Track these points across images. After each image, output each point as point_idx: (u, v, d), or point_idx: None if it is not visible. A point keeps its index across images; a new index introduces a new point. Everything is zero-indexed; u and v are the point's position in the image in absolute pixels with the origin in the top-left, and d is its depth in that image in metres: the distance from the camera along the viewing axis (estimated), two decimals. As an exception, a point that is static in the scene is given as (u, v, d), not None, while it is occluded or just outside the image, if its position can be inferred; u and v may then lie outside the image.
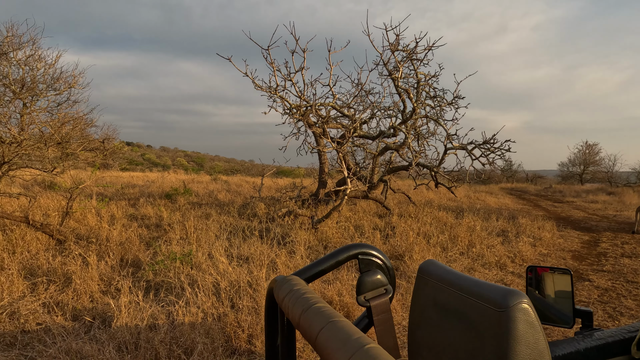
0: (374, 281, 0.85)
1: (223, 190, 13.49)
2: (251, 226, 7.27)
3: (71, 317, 3.40)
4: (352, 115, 8.55)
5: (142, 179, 17.66)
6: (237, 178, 21.56)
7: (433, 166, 8.40)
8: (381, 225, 7.89)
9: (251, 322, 3.27)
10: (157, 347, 2.77)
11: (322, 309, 0.62)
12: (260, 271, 4.09)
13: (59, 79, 7.20)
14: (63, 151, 6.83)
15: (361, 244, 0.88)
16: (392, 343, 0.82)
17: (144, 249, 5.45)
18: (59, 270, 4.30)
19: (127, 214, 8.11)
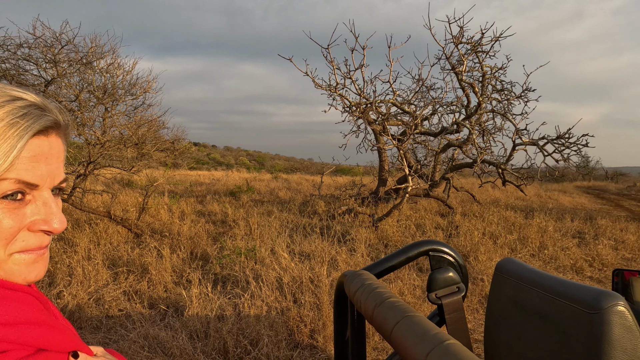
0: (445, 279, 0.83)
1: (284, 188, 13.81)
2: (311, 223, 7.37)
3: (148, 305, 3.67)
4: (412, 112, 8.36)
5: (208, 178, 18.58)
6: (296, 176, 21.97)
7: (500, 163, 7.99)
8: (444, 224, 7.65)
9: (313, 318, 3.32)
10: (225, 337, 2.91)
11: (396, 303, 0.62)
12: (322, 268, 4.14)
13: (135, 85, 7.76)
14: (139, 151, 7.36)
15: (432, 241, 0.86)
16: (465, 342, 0.80)
17: (211, 244, 5.73)
18: (137, 261, 4.65)
19: (196, 210, 8.57)
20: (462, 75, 7.64)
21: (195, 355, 2.72)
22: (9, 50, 5.98)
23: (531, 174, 8.52)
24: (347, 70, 7.84)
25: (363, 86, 7.96)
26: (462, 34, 7.40)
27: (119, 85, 7.36)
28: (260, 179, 18.47)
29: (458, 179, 14.78)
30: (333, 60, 7.64)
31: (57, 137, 0.56)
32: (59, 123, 0.55)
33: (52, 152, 0.54)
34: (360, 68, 7.73)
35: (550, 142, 7.42)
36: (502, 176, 8.25)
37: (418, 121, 7.84)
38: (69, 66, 6.45)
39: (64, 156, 0.58)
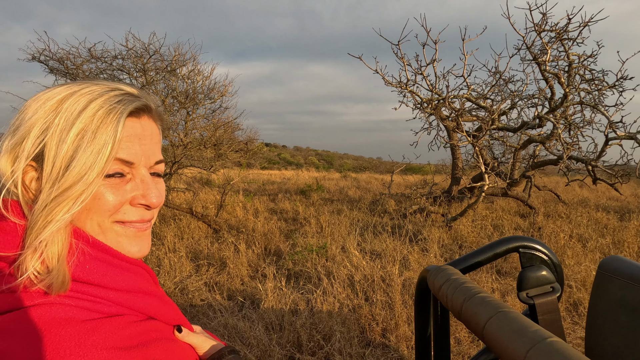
0: (538, 277, 0.78)
1: (353, 187, 13.81)
2: (382, 222, 7.30)
3: (227, 296, 3.87)
4: (489, 107, 7.93)
5: (279, 177, 19.15)
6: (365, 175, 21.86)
7: (590, 160, 7.30)
8: (524, 225, 7.17)
9: (385, 317, 3.29)
10: (299, 331, 2.98)
11: (488, 298, 0.60)
12: (393, 267, 4.08)
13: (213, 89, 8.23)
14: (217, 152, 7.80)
15: (523, 237, 0.82)
16: None
17: (284, 240, 5.91)
18: (216, 255, 4.93)
19: (268, 208, 8.88)
20: (546, 66, 7.09)
21: (271, 347, 2.82)
22: (106, 62, 6.65)
23: (627, 171, 7.67)
24: (418, 65, 7.64)
25: (435, 82, 7.71)
26: (546, 20, 6.86)
27: (199, 90, 7.85)
28: (329, 177, 18.65)
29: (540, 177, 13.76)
30: (403, 56, 7.49)
31: (150, 119, 0.62)
32: (150, 106, 0.61)
33: (145, 134, 0.59)
34: (432, 63, 7.49)
35: (652, 135, 6.62)
36: (592, 174, 7.53)
37: (495, 116, 7.42)
38: (156, 74, 7.01)
39: (158, 139, 0.64)
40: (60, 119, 0.53)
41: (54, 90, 0.55)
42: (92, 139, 0.53)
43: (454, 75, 7.81)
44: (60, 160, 0.52)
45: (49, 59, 6.35)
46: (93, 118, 0.54)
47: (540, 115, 7.42)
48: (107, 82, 0.59)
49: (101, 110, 0.55)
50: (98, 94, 0.56)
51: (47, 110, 0.53)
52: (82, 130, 0.53)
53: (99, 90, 0.57)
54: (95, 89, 0.56)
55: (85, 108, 0.54)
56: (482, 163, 6.68)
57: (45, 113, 0.53)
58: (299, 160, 51.12)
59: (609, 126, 6.88)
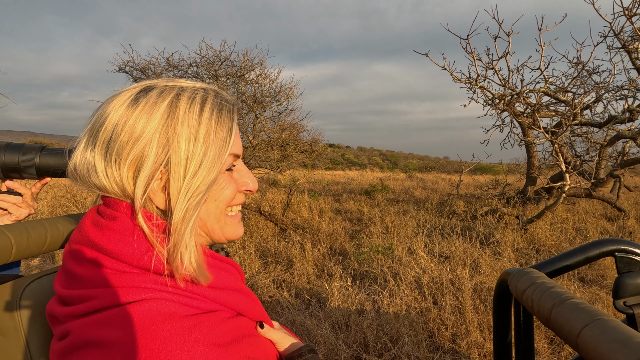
0: (637, 284, 0.71)
1: (418, 187, 13.47)
2: (450, 224, 7.04)
3: (294, 294, 3.96)
4: (570, 100, 7.33)
5: (342, 177, 19.20)
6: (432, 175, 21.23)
7: (692, 157, 6.47)
8: (612, 229, 6.54)
9: (455, 322, 3.17)
10: (365, 331, 2.97)
11: (582, 304, 0.55)
12: (463, 270, 3.92)
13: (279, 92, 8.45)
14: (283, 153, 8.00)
15: (619, 240, 0.74)
16: None
17: (349, 240, 5.91)
18: (283, 253, 5.06)
19: (333, 208, 8.94)
20: (638, 54, 6.41)
21: (338, 345, 2.84)
22: (182, 70, 7.09)
23: None
24: (489, 60, 7.26)
25: (508, 76, 7.28)
26: (637, 3, 6.20)
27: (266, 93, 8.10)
28: (394, 178, 18.35)
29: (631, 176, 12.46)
30: (473, 50, 7.16)
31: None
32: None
33: (237, 128, 0.64)
34: (504, 56, 7.08)
35: None
36: (695, 173, 6.67)
37: (577, 110, 6.84)
38: (227, 80, 7.36)
39: None
40: (182, 127, 0.56)
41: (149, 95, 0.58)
42: (215, 140, 0.58)
43: (529, 69, 7.33)
44: (190, 166, 0.56)
45: (133, 70, 6.92)
46: (211, 119, 0.58)
47: (631, 108, 6.72)
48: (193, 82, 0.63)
49: (215, 110, 0.59)
50: (203, 92, 0.60)
51: (159, 118, 0.56)
52: (206, 134, 0.57)
53: (198, 87, 0.61)
54: (191, 86, 0.60)
55: (203, 110, 0.58)
56: (562, 161, 6.20)
57: (159, 123, 0.56)
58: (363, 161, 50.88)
59: None
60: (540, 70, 7.09)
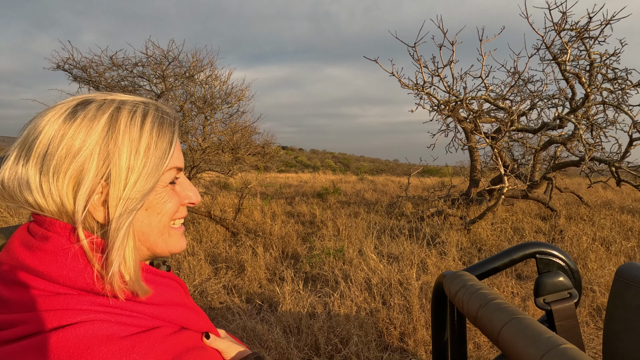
0: (555, 283, 0.78)
1: (369, 190, 13.77)
2: (399, 225, 7.26)
3: (245, 299, 3.92)
4: (508, 108, 7.82)
5: (295, 180, 19.22)
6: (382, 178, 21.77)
7: (613, 161, 7.12)
8: (545, 228, 7.04)
9: (403, 321, 3.28)
10: (317, 334, 3.00)
11: (503, 304, 0.60)
12: (411, 271, 4.06)
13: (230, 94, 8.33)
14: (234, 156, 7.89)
15: (540, 243, 0.82)
16: None
17: (301, 243, 5.94)
18: (234, 258, 4.99)
19: (285, 211, 8.93)
20: (566, 65, 6.96)
21: (289, 349, 2.84)
22: (127, 69, 6.81)
23: (654, 172, 7.45)
24: (435, 67, 7.59)
25: (452, 83, 7.64)
26: (565, 19, 6.74)
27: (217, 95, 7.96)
28: (346, 180, 18.62)
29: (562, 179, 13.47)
30: (420, 58, 7.45)
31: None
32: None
33: (178, 141, 0.64)
34: (449, 64, 7.43)
35: (679, 135, 6.43)
36: (616, 175, 7.34)
37: (514, 117, 7.31)
38: (175, 80, 7.15)
39: None
40: (123, 140, 0.56)
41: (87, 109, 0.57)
42: (155, 152, 0.58)
43: (471, 77, 7.73)
44: (130, 178, 0.56)
45: (73, 68, 6.54)
46: (152, 132, 0.58)
47: (560, 115, 7.29)
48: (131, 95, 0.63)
49: (156, 124, 0.59)
50: (144, 106, 0.60)
51: (100, 132, 0.55)
52: (146, 147, 0.57)
53: (138, 101, 0.60)
54: (131, 100, 0.60)
55: (144, 124, 0.58)
56: (501, 165, 6.59)
57: (99, 136, 0.55)
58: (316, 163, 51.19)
59: (633, 126, 6.70)
60: (482, 78, 7.50)
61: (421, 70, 7.50)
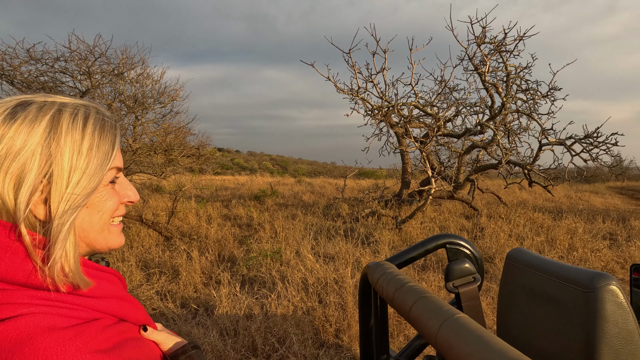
0: (462, 269, 0.90)
1: (307, 192, 13.93)
2: (335, 226, 7.45)
3: (180, 305, 3.82)
4: (435, 114, 8.35)
5: (232, 182, 18.91)
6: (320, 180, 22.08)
7: (526, 164, 7.87)
8: (468, 226, 7.59)
9: (338, 317, 3.39)
10: (254, 335, 3.02)
11: (414, 287, 0.70)
12: (346, 269, 4.21)
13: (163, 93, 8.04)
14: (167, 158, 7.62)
15: (449, 234, 0.93)
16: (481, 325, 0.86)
17: (238, 246, 5.89)
18: (168, 263, 4.83)
19: (222, 214, 8.78)
20: (486, 76, 7.58)
21: (226, 352, 2.84)
22: (47, 64, 6.32)
23: (559, 174, 8.35)
24: (369, 73, 7.91)
25: (385, 89, 8.01)
26: (485, 34, 7.35)
27: (149, 94, 7.64)
28: (284, 183, 18.66)
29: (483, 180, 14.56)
30: (354, 64, 7.72)
31: None
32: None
33: (119, 144, 0.67)
34: (381, 71, 7.78)
35: (578, 141, 7.26)
36: (528, 177, 8.12)
37: (441, 123, 7.81)
38: (102, 77, 6.76)
39: None
40: (65, 141, 0.57)
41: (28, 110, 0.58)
42: (98, 153, 0.60)
43: (402, 84, 8.16)
44: (72, 177, 0.57)
45: (-20, 59, 5.94)
46: (94, 134, 0.60)
47: (481, 122, 7.91)
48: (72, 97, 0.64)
49: (98, 126, 0.61)
50: (85, 109, 0.62)
51: (42, 133, 0.57)
52: (89, 148, 0.59)
53: (78, 103, 0.62)
54: (72, 103, 0.61)
55: (86, 126, 0.60)
56: (429, 167, 7.01)
57: (41, 137, 0.56)
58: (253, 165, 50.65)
59: (542, 133, 7.46)
60: (412, 85, 7.94)
61: (356, 76, 7.77)
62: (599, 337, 0.69)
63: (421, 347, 1.00)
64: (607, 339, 0.69)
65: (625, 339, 0.69)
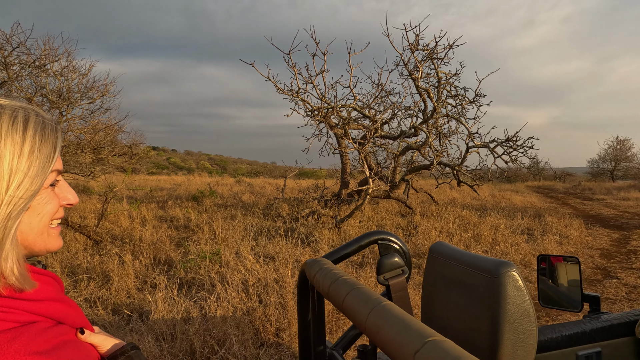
0: (392, 263, 0.98)
1: (247, 192, 13.77)
2: (275, 226, 7.46)
3: (112, 312, 3.64)
4: (373, 116, 8.65)
5: (168, 182, 18.19)
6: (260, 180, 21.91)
7: (455, 165, 8.40)
8: (404, 224, 7.95)
9: (278, 317, 3.42)
10: (192, 338, 2.96)
11: (348, 280, 0.76)
12: (286, 269, 4.25)
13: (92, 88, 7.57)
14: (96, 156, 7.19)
15: (381, 231, 1.01)
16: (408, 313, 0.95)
17: (175, 249, 5.70)
18: (97, 268, 4.57)
19: (157, 215, 8.43)
20: (419, 81, 7.99)
21: (162, 357, 2.76)
22: (-46, 52, 5.71)
23: (484, 174, 9.01)
24: (309, 75, 8.01)
25: (324, 91, 8.16)
26: (418, 41, 7.75)
27: (75, 88, 7.16)
28: (223, 183, 18.29)
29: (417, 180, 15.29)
30: (295, 65, 7.79)
31: None
32: None
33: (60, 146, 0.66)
34: (321, 73, 7.91)
35: (500, 144, 7.89)
36: (456, 177, 8.67)
37: (378, 125, 8.11)
38: (21, 69, 6.23)
39: None
40: (5, 144, 0.56)
41: None
42: (39, 155, 0.59)
43: (341, 86, 8.35)
44: (13, 180, 0.56)
45: None
46: (35, 136, 0.59)
47: (415, 125, 8.32)
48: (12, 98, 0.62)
49: (39, 128, 0.60)
50: (24, 112, 0.60)
51: None
52: (30, 150, 0.58)
53: (17, 105, 0.60)
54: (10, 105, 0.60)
55: (26, 128, 0.58)
56: (366, 168, 7.25)
57: None
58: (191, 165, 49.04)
59: (468, 136, 8.01)
60: (350, 88, 8.16)
61: (296, 77, 7.83)
62: (502, 316, 0.81)
63: (355, 336, 1.07)
64: (509, 317, 0.81)
65: (522, 316, 0.81)
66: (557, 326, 1.29)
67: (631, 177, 26.46)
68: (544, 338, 1.24)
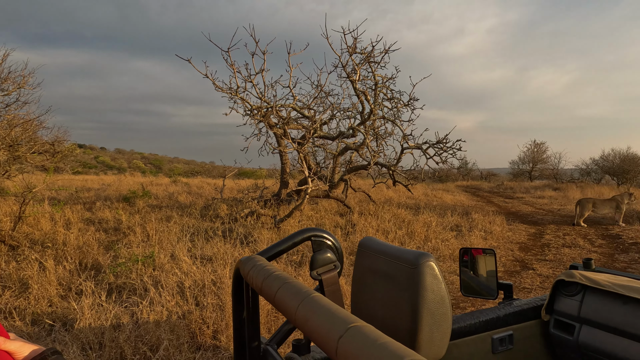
0: (324, 258, 1.01)
1: (184, 193, 13.30)
2: (214, 227, 7.29)
3: (30, 322, 3.36)
4: (312, 116, 8.74)
5: (97, 183, 17.06)
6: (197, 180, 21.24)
7: (391, 165, 8.73)
8: (342, 223, 8.12)
9: (216, 319, 3.36)
10: (122, 345, 2.82)
11: (280, 275, 0.78)
12: (224, 270, 4.18)
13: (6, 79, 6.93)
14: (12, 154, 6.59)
15: (314, 228, 1.04)
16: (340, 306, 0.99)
17: (104, 253, 5.38)
18: (13, 275, 4.19)
19: (83, 218, 7.89)
20: (357, 84, 8.20)
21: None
22: None
23: (417, 175, 9.46)
24: (248, 74, 7.92)
25: (264, 90, 8.11)
26: (356, 45, 7.96)
27: (-14, 79, 6.52)
28: (158, 183, 17.50)
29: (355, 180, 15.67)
30: (234, 63, 7.66)
31: None
32: None
33: None
34: (261, 72, 7.86)
35: (432, 146, 8.33)
36: (392, 177, 9.02)
37: (317, 125, 8.21)
38: None
39: None
40: None
41: None
42: None
43: (281, 86, 8.35)
44: None
45: None
46: None
47: (353, 126, 8.53)
48: None
49: None
50: None
51: None
52: None
53: None
54: None
55: None
56: (306, 168, 7.32)
57: None
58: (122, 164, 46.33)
59: (403, 138, 8.37)
60: (290, 88, 8.18)
61: (235, 75, 7.71)
62: (420, 303, 0.88)
63: (289, 331, 1.10)
64: (426, 303, 0.88)
65: (438, 302, 0.89)
66: (475, 313, 1.41)
67: (546, 177, 29.07)
68: (463, 324, 1.35)
